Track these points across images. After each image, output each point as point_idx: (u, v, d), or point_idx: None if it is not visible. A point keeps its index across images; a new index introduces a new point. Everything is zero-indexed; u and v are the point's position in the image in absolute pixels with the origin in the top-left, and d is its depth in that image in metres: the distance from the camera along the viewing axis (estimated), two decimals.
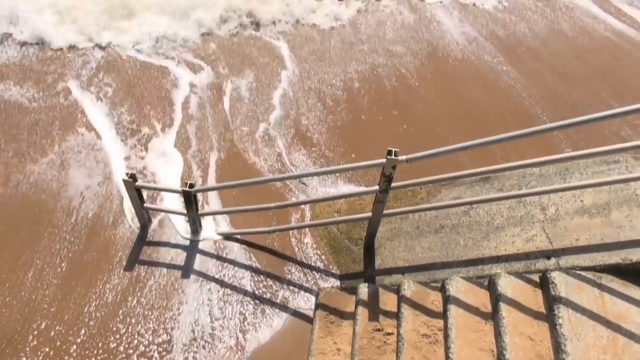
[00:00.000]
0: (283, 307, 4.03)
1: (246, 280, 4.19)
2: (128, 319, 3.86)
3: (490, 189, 4.07)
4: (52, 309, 3.89)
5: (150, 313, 3.91)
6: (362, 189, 4.82)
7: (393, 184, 3.45)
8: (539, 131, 3.02)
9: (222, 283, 4.15)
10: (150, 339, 3.77)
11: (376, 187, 3.52)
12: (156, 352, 3.71)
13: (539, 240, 3.53)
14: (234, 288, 4.12)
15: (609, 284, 3.08)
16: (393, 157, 3.20)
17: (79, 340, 3.72)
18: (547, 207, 3.70)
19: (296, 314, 4.01)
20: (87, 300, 3.94)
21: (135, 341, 3.75)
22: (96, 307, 3.91)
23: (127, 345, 3.73)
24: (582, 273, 3.14)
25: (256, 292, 4.12)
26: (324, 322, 3.73)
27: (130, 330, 3.81)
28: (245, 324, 3.92)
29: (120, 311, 3.90)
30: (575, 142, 5.50)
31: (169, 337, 3.79)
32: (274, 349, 3.79)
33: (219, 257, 4.32)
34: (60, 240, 4.33)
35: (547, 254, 3.43)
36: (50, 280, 4.05)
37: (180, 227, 4.53)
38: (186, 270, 4.20)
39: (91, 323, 3.83)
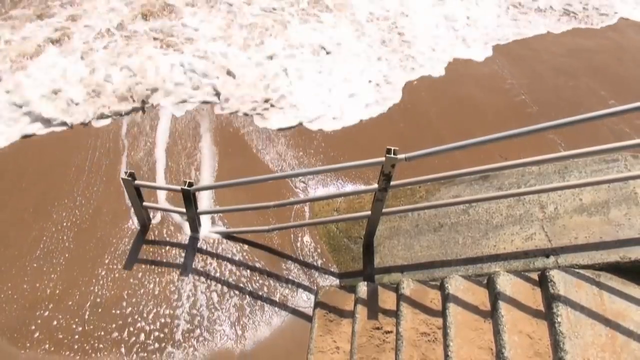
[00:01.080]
0: (282, 306, 4.04)
1: (245, 278, 4.19)
2: (127, 315, 3.87)
3: (489, 187, 4.08)
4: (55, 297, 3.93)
5: (149, 310, 3.90)
6: (362, 187, 4.82)
7: (392, 183, 3.44)
8: (538, 130, 3.01)
9: (221, 281, 4.15)
10: (149, 336, 3.77)
11: (375, 186, 3.52)
12: (155, 349, 3.71)
13: (538, 238, 3.53)
14: (233, 286, 4.12)
15: (607, 282, 3.08)
16: (392, 155, 3.20)
17: (78, 332, 3.74)
18: (546, 205, 3.70)
19: (295, 312, 4.01)
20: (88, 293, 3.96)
21: (135, 336, 3.75)
22: (94, 303, 3.93)
23: (127, 338, 3.73)
24: (581, 271, 3.15)
25: (255, 290, 4.12)
26: (323, 320, 3.73)
27: (129, 325, 3.81)
28: (245, 322, 3.92)
29: (120, 307, 3.90)
30: (574, 141, 5.49)
31: (167, 334, 3.78)
32: (273, 346, 3.79)
33: (217, 256, 4.32)
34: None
35: (546, 253, 3.43)
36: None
37: (180, 225, 4.53)
38: (185, 268, 4.20)
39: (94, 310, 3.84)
